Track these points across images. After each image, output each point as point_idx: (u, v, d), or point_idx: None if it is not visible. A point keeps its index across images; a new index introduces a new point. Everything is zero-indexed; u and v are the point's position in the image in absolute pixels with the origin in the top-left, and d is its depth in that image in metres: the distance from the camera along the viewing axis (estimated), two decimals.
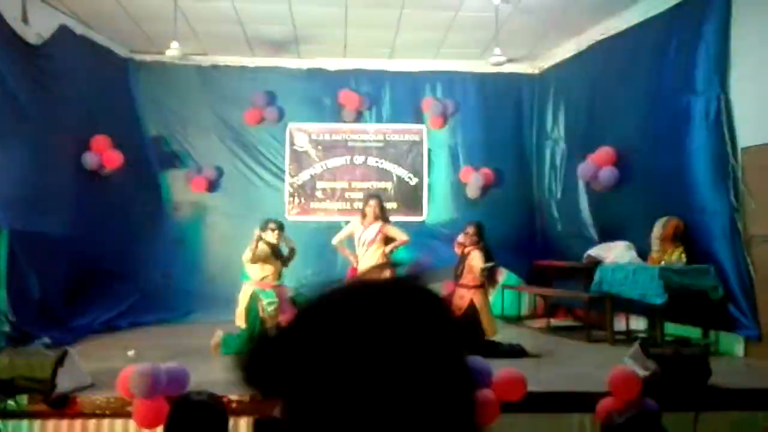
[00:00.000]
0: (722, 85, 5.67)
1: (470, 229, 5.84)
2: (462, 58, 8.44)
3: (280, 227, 5.83)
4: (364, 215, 6.16)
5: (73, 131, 6.93)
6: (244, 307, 5.69)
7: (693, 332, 5.73)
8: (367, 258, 5.98)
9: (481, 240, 5.79)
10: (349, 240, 6.37)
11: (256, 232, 5.71)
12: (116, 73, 7.93)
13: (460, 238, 5.90)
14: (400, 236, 6.14)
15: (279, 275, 5.82)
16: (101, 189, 7.22)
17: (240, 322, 5.72)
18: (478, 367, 4.22)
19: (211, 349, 5.75)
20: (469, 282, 5.62)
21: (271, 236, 5.73)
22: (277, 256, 5.80)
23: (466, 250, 5.78)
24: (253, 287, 5.71)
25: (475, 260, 5.62)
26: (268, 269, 5.69)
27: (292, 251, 5.86)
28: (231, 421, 3.99)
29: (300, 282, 7.88)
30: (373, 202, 6.15)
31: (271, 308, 5.62)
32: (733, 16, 5.64)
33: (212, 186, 8.30)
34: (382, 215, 6.15)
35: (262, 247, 5.66)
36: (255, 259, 5.61)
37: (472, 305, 5.56)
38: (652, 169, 6.45)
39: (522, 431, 4.18)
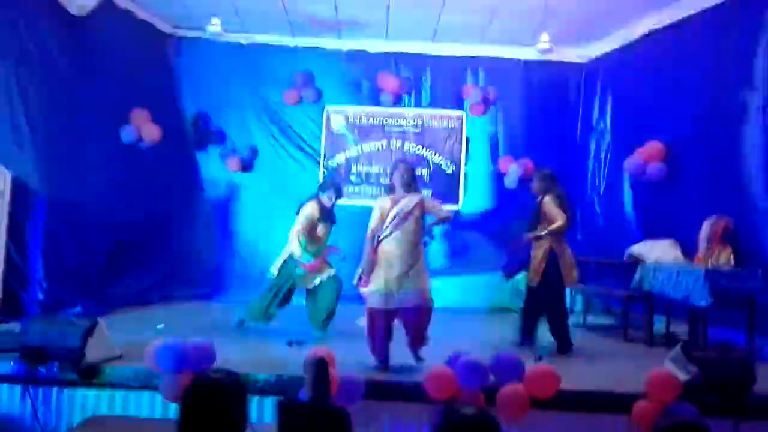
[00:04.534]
0: None
1: (534, 180, 5.63)
2: (507, 45, 8.21)
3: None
4: (391, 188, 4.88)
5: (113, 104, 6.94)
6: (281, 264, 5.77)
7: (737, 337, 5.49)
8: (398, 235, 4.63)
9: (551, 186, 5.51)
10: None
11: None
12: (157, 48, 7.92)
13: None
14: (441, 211, 4.88)
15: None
16: (139, 162, 7.24)
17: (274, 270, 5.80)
18: (510, 361, 4.11)
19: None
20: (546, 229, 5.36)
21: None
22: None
23: (539, 198, 5.50)
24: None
25: (548, 206, 5.35)
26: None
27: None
28: (256, 401, 3.98)
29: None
30: (402, 167, 4.84)
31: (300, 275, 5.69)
32: None
33: (247, 166, 8.28)
34: (415, 185, 4.85)
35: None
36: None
37: (552, 252, 5.32)
38: (702, 165, 6.20)
39: (552, 429, 4.05)
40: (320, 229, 5.76)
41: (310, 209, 5.71)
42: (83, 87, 6.48)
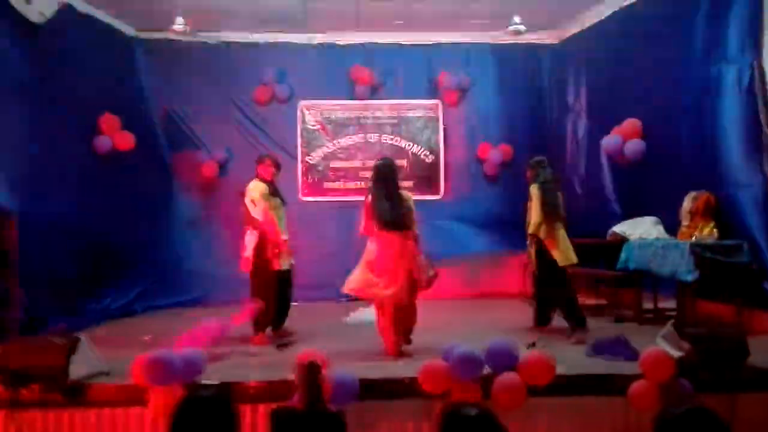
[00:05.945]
0: (756, 52, 5.38)
1: (527, 169, 5.60)
2: (478, 30, 8.15)
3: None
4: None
5: (80, 112, 6.76)
6: None
7: (724, 311, 5.51)
8: None
9: (538, 173, 5.49)
10: None
11: None
12: (122, 51, 7.72)
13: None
14: None
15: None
16: (111, 170, 7.08)
17: None
18: (504, 349, 4.07)
19: None
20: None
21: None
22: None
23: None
24: None
25: (531, 197, 5.36)
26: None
27: None
28: (248, 408, 3.89)
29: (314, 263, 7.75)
30: None
31: None
32: None
33: (223, 168, 8.13)
34: None
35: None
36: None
37: (537, 237, 5.35)
38: (681, 141, 6.18)
39: (549, 415, 4.02)
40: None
41: (254, 185, 5.50)
42: (48, 95, 6.29)
